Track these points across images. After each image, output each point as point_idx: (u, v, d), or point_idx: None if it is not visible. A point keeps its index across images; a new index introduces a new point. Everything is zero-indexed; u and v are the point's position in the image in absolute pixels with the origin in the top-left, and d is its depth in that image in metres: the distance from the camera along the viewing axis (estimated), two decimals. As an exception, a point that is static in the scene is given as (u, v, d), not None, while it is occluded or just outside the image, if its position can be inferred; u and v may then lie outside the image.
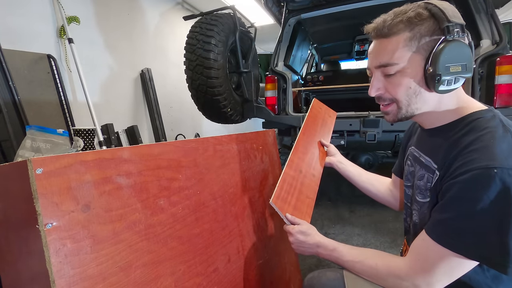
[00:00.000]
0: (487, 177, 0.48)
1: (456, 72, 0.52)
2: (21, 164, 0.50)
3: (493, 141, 0.51)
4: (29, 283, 0.60)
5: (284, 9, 2.59)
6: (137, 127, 3.10)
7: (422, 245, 0.59)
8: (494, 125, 0.53)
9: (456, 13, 0.53)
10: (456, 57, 0.52)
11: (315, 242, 0.75)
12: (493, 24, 1.85)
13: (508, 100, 1.66)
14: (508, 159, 0.48)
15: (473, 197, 0.50)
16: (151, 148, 0.73)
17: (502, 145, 0.50)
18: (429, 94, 0.57)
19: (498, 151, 0.49)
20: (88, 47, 2.74)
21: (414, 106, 0.60)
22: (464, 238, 0.52)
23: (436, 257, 0.55)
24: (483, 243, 0.50)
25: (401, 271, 0.60)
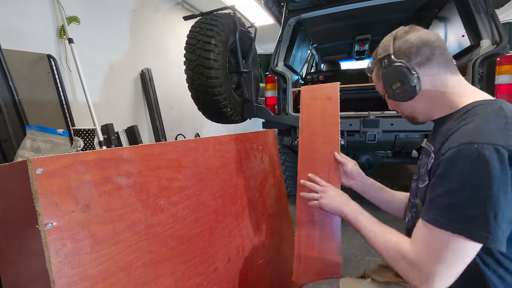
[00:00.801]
0: (467, 152, 0.51)
1: (398, 87, 0.67)
2: (21, 164, 0.50)
3: (483, 123, 0.55)
4: (29, 283, 0.60)
5: (284, 9, 2.59)
6: (137, 127, 3.10)
7: (418, 230, 0.60)
8: (490, 110, 0.57)
9: (386, 47, 0.69)
10: (391, 77, 0.67)
11: (345, 201, 0.77)
12: (493, 24, 1.85)
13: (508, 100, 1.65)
14: (491, 136, 0.50)
15: (454, 172, 0.53)
16: (151, 148, 0.73)
17: (490, 125, 0.53)
18: (405, 102, 0.70)
19: (484, 130, 0.52)
20: (88, 47, 2.74)
21: (407, 111, 0.74)
22: (448, 214, 0.53)
23: (432, 240, 0.55)
24: (464, 217, 0.51)
25: (411, 259, 0.59)
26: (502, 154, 0.48)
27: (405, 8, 2.62)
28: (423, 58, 0.64)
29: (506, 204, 0.48)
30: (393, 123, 1.96)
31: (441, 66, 0.65)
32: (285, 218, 1.40)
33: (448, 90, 0.65)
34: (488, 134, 0.51)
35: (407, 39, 0.66)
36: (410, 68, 0.64)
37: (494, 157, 0.48)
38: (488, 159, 0.48)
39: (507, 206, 0.48)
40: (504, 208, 0.48)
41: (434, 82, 0.65)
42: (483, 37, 1.87)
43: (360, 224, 0.73)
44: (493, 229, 0.48)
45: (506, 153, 0.48)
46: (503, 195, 0.48)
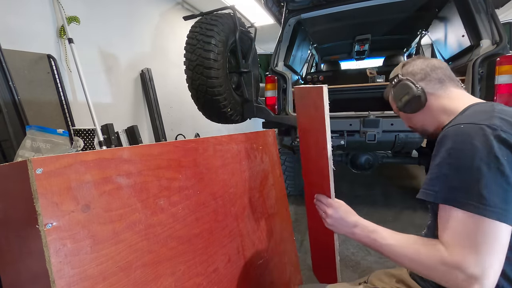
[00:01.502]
0: (453, 130, 0.58)
1: (407, 100, 0.76)
2: (21, 164, 0.50)
3: (472, 113, 0.62)
4: (29, 283, 0.60)
5: (284, 9, 2.59)
6: (137, 127, 3.10)
7: (441, 217, 0.57)
8: (481, 106, 0.64)
9: (395, 71, 0.82)
10: (399, 91, 0.78)
11: (354, 221, 0.72)
12: (493, 24, 1.85)
13: (508, 100, 1.65)
14: (477, 119, 0.57)
15: (443, 149, 0.58)
16: (151, 148, 0.73)
17: (478, 114, 0.59)
18: (415, 115, 0.78)
19: (471, 117, 0.59)
20: (88, 47, 2.74)
21: (418, 124, 0.82)
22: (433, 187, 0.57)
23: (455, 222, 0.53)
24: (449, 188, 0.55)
25: (446, 258, 0.53)
26: (484, 129, 0.53)
27: (405, 8, 2.62)
28: (425, 74, 0.75)
29: (489, 173, 0.51)
30: (393, 123, 1.96)
31: (443, 80, 0.74)
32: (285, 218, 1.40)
33: (451, 101, 0.72)
34: (474, 118, 0.58)
35: (413, 63, 0.79)
36: (414, 82, 0.75)
37: (478, 133, 0.53)
38: (471, 134, 0.54)
39: (491, 174, 0.51)
40: (487, 177, 0.51)
41: (438, 94, 0.73)
42: (483, 37, 1.87)
43: (373, 240, 0.67)
44: (479, 199, 0.50)
45: (489, 130, 0.53)
46: (485, 166, 0.51)
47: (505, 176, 0.50)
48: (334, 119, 2.12)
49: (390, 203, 2.76)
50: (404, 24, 3.04)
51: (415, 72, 0.76)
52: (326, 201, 0.79)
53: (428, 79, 0.74)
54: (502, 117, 0.55)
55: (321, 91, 0.79)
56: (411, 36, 3.52)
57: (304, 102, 0.94)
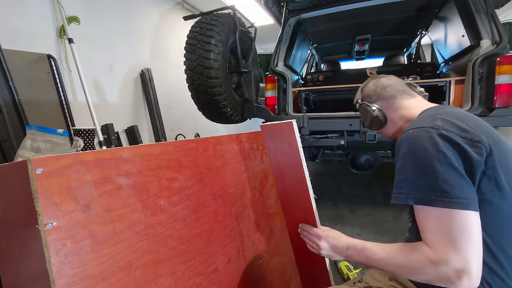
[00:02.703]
0: (404, 136, 0.64)
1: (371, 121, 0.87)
2: (21, 164, 0.50)
3: (419, 119, 0.70)
4: (29, 283, 0.60)
5: (284, 9, 2.59)
6: (137, 127, 3.10)
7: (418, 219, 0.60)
8: (428, 111, 0.72)
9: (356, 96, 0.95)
10: (362, 114, 0.91)
11: (345, 245, 0.73)
12: (493, 24, 1.85)
13: (508, 100, 1.66)
14: (423, 121, 0.64)
15: (398, 155, 0.64)
16: (151, 148, 0.73)
17: (423, 119, 0.66)
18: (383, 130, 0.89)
19: (419, 122, 0.66)
20: (88, 47, 2.74)
21: (388, 136, 0.90)
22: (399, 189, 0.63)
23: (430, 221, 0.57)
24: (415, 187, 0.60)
25: (431, 256, 0.56)
26: (428, 131, 0.60)
27: (405, 8, 2.62)
28: (378, 95, 0.85)
29: (442, 168, 0.56)
30: None
31: (394, 96, 0.82)
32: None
33: (406, 110, 0.80)
34: (420, 123, 0.64)
35: (367, 86, 0.89)
36: (370, 105, 0.86)
37: (424, 135, 0.60)
38: (419, 137, 0.60)
39: (444, 169, 0.56)
40: (441, 172, 0.56)
41: (393, 108, 0.83)
42: (483, 37, 1.87)
43: (366, 258, 0.68)
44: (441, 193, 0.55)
45: (433, 130, 0.59)
46: (437, 162, 0.56)
47: (455, 168, 0.55)
48: (334, 119, 2.13)
49: (390, 203, 2.76)
50: (404, 24, 3.04)
51: (370, 94, 0.87)
52: (313, 231, 0.80)
53: (381, 98, 0.84)
54: (444, 118, 0.62)
55: (291, 126, 0.79)
56: (411, 36, 3.52)
57: (275, 138, 0.93)
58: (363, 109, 0.89)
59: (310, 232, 0.81)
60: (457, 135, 0.58)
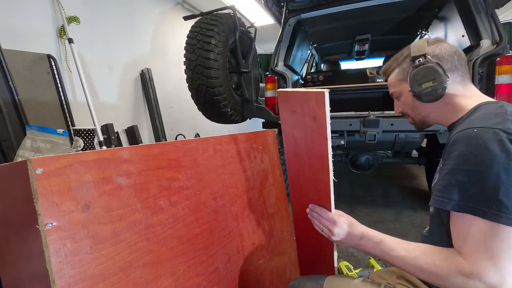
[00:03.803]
0: (467, 135, 0.55)
1: (429, 86, 0.68)
2: (21, 164, 0.50)
3: (484, 115, 0.59)
4: (29, 283, 0.60)
5: (284, 9, 2.59)
6: (137, 127, 3.10)
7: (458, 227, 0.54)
8: (492, 107, 0.61)
9: (421, 47, 0.71)
10: (424, 76, 0.68)
11: (359, 233, 0.68)
12: (493, 24, 1.85)
13: (508, 100, 1.66)
14: (490, 123, 0.54)
15: (456, 154, 0.55)
16: (151, 148, 0.73)
17: (490, 117, 0.57)
18: (425, 104, 0.72)
19: (484, 120, 0.56)
20: (88, 47, 2.74)
21: (420, 115, 0.76)
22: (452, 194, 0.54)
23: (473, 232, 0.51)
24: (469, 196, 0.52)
25: (465, 268, 0.52)
26: (499, 134, 0.51)
27: (405, 8, 2.62)
28: (453, 66, 0.69)
29: (508, 179, 0.49)
30: (393, 123, 1.96)
31: (464, 75, 0.70)
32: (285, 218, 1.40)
33: (465, 99, 0.69)
34: (487, 121, 0.55)
35: (440, 46, 0.71)
36: (446, 70, 0.67)
37: (493, 138, 0.51)
38: (486, 139, 0.51)
39: (510, 181, 0.49)
40: (506, 183, 0.49)
41: (457, 90, 0.69)
42: (483, 37, 1.87)
43: (382, 252, 0.64)
44: (498, 206, 0.49)
45: (504, 134, 0.51)
46: (504, 172, 0.49)
47: None
48: (334, 119, 2.13)
49: (390, 203, 2.76)
50: (404, 24, 3.05)
51: (444, 58, 0.69)
52: (327, 216, 0.72)
53: (455, 72, 0.69)
54: None
55: (322, 98, 0.64)
56: (411, 36, 3.52)
57: (295, 108, 0.77)
58: (430, 70, 0.67)
59: (323, 216, 0.73)
60: None
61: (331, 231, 0.71)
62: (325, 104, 0.64)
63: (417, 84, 0.70)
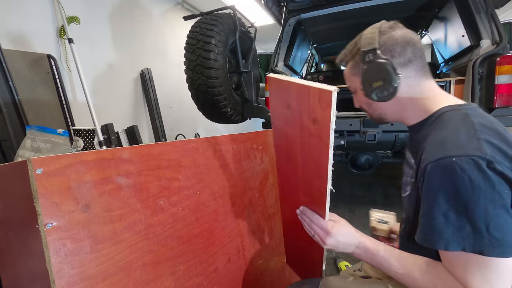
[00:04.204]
0: (447, 168, 0.50)
1: (379, 86, 0.62)
2: (21, 164, 0.50)
3: (453, 132, 0.55)
4: (29, 283, 0.60)
5: (284, 9, 2.59)
6: (137, 127, 3.10)
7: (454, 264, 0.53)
8: (457, 118, 0.57)
9: (371, 40, 0.63)
10: (373, 74, 0.63)
11: (355, 243, 0.64)
12: (493, 24, 1.85)
13: (508, 100, 1.66)
14: (465, 146, 0.51)
15: (437, 189, 0.52)
16: (151, 148, 0.73)
17: (460, 135, 0.53)
18: (378, 103, 0.67)
19: (457, 141, 0.53)
20: (88, 47, 2.74)
21: (376, 112, 0.72)
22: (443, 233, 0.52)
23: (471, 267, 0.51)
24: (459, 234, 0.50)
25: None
26: (480, 165, 0.48)
27: (405, 8, 2.62)
28: (406, 59, 0.62)
29: (495, 211, 0.48)
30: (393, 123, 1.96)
31: (419, 69, 0.64)
32: (285, 218, 1.40)
33: (421, 96, 0.64)
34: (462, 145, 0.51)
35: (392, 35, 0.63)
36: (396, 68, 0.61)
37: (475, 169, 0.48)
38: (469, 173, 0.48)
39: (497, 212, 0.48)
40: (494, 216, 0.48)
41: (410, 86, 0.64)
42: (483, 37, 1.87)
43: (379, 264, 0.62)
44: (490, 241, 0.48)
45: (484, 163, 0.48)
46: (490, 204, 0.48)
47: (508, 210, 0.49)
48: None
49: (390, 203, 2.76)
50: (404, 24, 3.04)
51: (395, 50, 0.62)
52: (320, 224, 0.65)
53: (408, 66, 0.63)
54: (487, 139, 0.51)
55: (328, 97, 0.53)
56: (411, 36, 3.52)
57: (290, 103, 0.65)
58: (380, 68, 0.61)
59: (315, 222, 0.66)
60: (509, 168, 0.49)
61: (322, 240, 0.65)
62: (331, 106, 0.53)
63: (367, 83, 0.65)
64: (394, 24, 0.65)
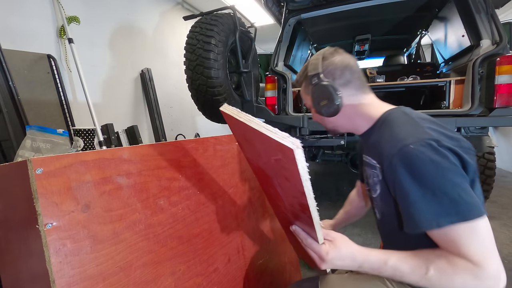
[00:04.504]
0: (409, 154, 0.57)
1: (325, 104, 0.73)
2: (21, 164, 0.50)
3: (400, 127, 0.64)
4: (29, 283, 0.60)
5: (284, 9, 2.59)
6: (137, 127, 3.10)
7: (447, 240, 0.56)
8: (399, 116, 0.68)
9: (315, 66, 0.74)
10: (319, 95, 0.73)
11: (356, 265, 0.61)
12: (493, 24, 1.85)
13: (508, 100, 1.66)
14: (415, 134, 0.59)
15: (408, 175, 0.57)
16: (151, 148, 0.73)
17: (407, 127, 0.63)
18: (329, 118, 0.77)
19: (407, 132, 0.61)
20: (88, 47, 2.74)
21: (330, 125, 0.82)
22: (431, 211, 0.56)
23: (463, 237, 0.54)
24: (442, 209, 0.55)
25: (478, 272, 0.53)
26: (433, 145, 0.56)
27: (405, 8, 2.62)
28: (345, 80, 0.73)
29: (458, 180, 0.54)
30: None
31: (358, 87, 0.74)
32: (285, 218, 1.41)
33: (364, 107, 0.75)
34: (413, 134, 0.59)
35: (332, 61, 0.74)
36: (336, 88, 0.72)
37: (431, 150, 0.55)
38: (427, 154, 0.55)
39: (460, 181, 0.54)
40: (459, 184, 0.54)
41: (353, 101, 0.74)
42: (483, 37, 1.87)
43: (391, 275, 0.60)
44: (466, 206, 0.53)
45: (435, 143, 0.56)
46: (453, 175, 0.54)
47: (465, 178, 0.55)
48: None
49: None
50: (404, 24, 3.05)
51: (336, 73, 0.73)
52: (313, 249, 0.62)
53: (348, 84, 0.73)
54: (430, 127, 0.60)
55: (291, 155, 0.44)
56: (411, 36, 3.52)
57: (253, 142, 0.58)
58: (323, 90, 0.72)
59: (309, 248, 0.63)
60: (454, 146, 0.57)
61: (319, 265, 0.63)
62: (296, 164, 0.44)
63: (316, 102, 0.75)
64: (335, 51, 0.76)
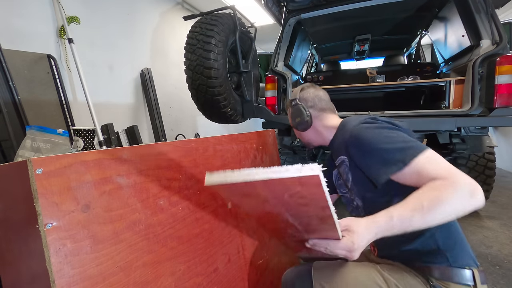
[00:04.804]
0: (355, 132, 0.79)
1: (299, 121, 1.00)
2: (21, 164, 0.50)
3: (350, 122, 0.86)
4: (29, 283, 0.60)
5: (284, 9, 2.59)
6: (137, 127, 3.10)
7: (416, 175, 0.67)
8: (352, 117, 0.90)
9: (294, 94, 1.05)
10: (294, 113, 1.02)
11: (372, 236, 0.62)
12: (493, 24, 1.84)
13: (508, 100, 1.65)
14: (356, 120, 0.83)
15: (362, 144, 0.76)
16: (151, 148, 0.73)
17: (354, 120, 0.85)
18: (303, 132, 1.03)
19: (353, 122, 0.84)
20: (88, 47, 2.74)
21: (305, 139, 1.07)
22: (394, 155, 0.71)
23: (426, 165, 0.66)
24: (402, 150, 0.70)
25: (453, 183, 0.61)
26: (367, 120, 0.80)
27: (405, 8, 2.62)
28: (313, 103, 1.00)
29: (398, 132, 0.74)
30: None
31: (324, 109, 1.01)
32: (285, 218, 1.40)
33: (327, 122, 0.99)
34: (358, 119, 0.82)
35: (307, 91, 1.03)
36: (305, 108, 0.99)
37: (365, 123, 0.79)
38: (368, 125, 0.78)
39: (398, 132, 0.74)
40: (400, 133, 0.74)
41: (320, 120, 1.00)
42: (483, 37, 1.87)
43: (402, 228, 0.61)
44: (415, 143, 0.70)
45: (369, 119, 0.80)
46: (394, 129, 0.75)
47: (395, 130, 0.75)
48: None
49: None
50: (404, 24, 3.04)
51: (308, 99, 1.01)
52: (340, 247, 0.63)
53: (316, 107, 1.00)
54: (368, 116, 0.82)
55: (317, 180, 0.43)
56: (411, 36, 3.52)
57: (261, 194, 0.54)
58: (297, 109, 1.00)
59: (335, 251, 0.64)
60: (389, 121, 0.79)
61: (351, 259, 0.64)
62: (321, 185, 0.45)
63: (293, 119, 1.02)
64: (311, 85, 1.06)
